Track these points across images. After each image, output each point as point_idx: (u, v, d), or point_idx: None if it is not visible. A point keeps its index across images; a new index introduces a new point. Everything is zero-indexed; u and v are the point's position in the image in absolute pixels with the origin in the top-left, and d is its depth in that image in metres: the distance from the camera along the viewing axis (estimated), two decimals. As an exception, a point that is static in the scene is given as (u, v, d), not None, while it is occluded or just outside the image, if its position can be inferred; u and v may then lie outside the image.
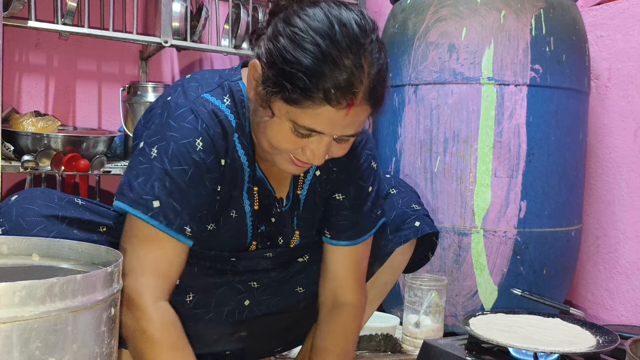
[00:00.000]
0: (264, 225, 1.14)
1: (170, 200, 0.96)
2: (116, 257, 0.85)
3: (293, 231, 1.17)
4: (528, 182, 1.74)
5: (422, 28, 1.82)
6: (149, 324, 0.94)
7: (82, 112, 1.96)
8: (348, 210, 1.15)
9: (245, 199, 1.09)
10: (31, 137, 1.67)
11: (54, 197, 1.07)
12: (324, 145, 0.95)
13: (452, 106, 1.76)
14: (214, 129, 1.00)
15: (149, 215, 0.95)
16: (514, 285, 1.73)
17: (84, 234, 1.05)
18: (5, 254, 0.93)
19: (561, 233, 1.80)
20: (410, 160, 1.84)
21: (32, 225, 1.01)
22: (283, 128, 0.94)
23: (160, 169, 0.96)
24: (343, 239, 1.15)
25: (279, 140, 0.95)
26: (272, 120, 0.95)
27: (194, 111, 0.99)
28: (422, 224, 1.24)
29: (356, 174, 1.14)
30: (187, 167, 0.97)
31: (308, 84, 0.88)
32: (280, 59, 0.90)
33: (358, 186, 1.14)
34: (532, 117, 1.73)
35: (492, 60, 1.73)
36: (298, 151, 0.97)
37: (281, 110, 0.93)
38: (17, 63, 1.87)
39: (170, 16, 1.90)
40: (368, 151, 1.16)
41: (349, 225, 1.15)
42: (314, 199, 1.16)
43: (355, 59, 0.89)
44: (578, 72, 1.81)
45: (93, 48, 1.94)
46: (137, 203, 0.96)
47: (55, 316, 0.67)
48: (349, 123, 0.92)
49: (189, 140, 0.98)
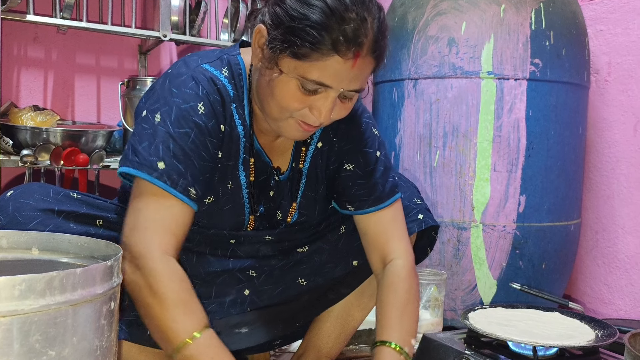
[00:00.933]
0: (263, 201, 1.15)
1: (174, 162, 0.98)
2: (115, 251, 0.85)
3: (290, 202, 1.17)
4: (527, 176, 1.74)
5: (421, 22, 1.81)
6: (156, 279, 0.93)
7: (81, 106, 1.96)
8: (362, 178, 1.16)
9: (240, 170, 1.11)
10: (30, 132, 1.67)
11: (49, 192, 1.07)
12: (330, 101, 0.97)
13: (451, 100, 1.76)
14: (213, 95, 1.03)
15: (153, 176, 0.97)
16: (513, 279, 1.73)
17: (80, 227, 1.05)
18: (4, 248, 0.93)
19: (560, 227, 1.80)
20: (410, 155, 1.84)
21: (28, 220, 1.02)
22: (291, 86, 0.97)
23: (164, 132, 0.99)
24: (367, 207, 1.16)
25: (287, 99, 0.98)
26: (279, 78, 0.97)
27: (194, 78, 1.03)
28: (425, 217, 1.24)
29: (360, 141, 1.16)
30: (189, 130, 1.00)
31: (317, 37, 0.92)
32: (287, 18, 0.94)
33: (365, 153, 1.16)
34: (531, 111, 1.73)
35: (492, 54, 1.73)
36: (305, 111, 0.99)
37: (289, 67, 0.95)
38: (15, 57, 1.87)
39: (169, 10, 1.89)
40: (367, 119, 1.18)
41: (368, 193, 1.15)
42: (316, 172, 1.17)
43: (360, 13, 0.93)
44: (578, 66, 1.81)
45: (92, 42, 1.93)
46: (142, 165, 0.98)
47: (55, 309, 0.67)
48: (355, 76, 0.96)
49: (191, 105, 1.01)
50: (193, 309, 0.94)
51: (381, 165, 1.17)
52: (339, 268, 1.26)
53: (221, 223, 1.14)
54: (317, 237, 1.24)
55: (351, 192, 1.16)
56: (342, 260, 1.26)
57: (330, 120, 1.01)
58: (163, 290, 0.93)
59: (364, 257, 1.20)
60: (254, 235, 1.18)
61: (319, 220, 1.24)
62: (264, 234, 1.19)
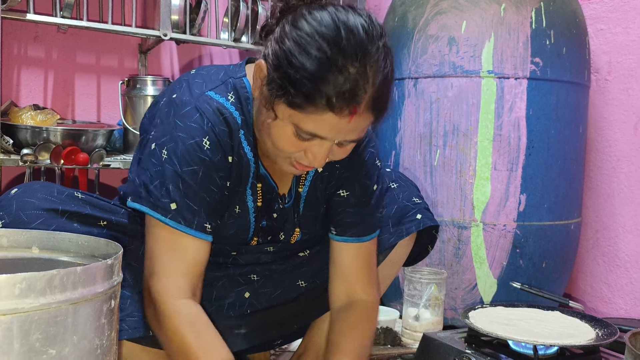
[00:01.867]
0: (266, 220, 1.15)
1: (186, 201, 0.99)
2: (116, 249, 0.85)
3: (294, 227, 1.17)
4: (528, 175, 1.74)
5: (421, 21, 1.81)
6: (173, 324, 0.96)
7: (81, 105, 1.96)
8: (353, 207, 1.15)
9: (248, 194, 1.10)
10: (30, 131, 1.67)
11: (53, 191, 1.07)
12: (325, 149, 0.95)
13: (452, 99, 1.76)
14: (219, 127, 1.01)
15: (168, 217, 0.98)
16: (514, 278, 1.73)
17: (84, 228, 1.05)
18: (5, 247, 0.93)
19: (561, 226, 1.80)
20: (410, 154, 1.84)
21: (32, 219, 1.02)
22: (286, 131, 0.94)
23: (172, 171, 0.99)
24: (349, 236, 1.15)
25: (281, 142, 0.96)
26: (275, 122, 0.95)
27: (199, 109, 1.00)
28: (423, 217, 1.24)
29: (360, 171, 1.14)
30: (196, 167, 0.99)
31: (311, 90, 0.87)
32: (285, 62, 0.90)
33: (362, 184, 1.14)
34: (532, 110, 1.73)
35: (492, 53, 1.72)
36: (300, 154, 0.97)
37: (284, 113, 0.92)
38: (15, 56, 1.87)
39: (169, 9, 1.89)
40: (371, 149, 1.16)
41: (354, 222, 1.15)
42: (316, 195, 1.16)
43: (360, 67, 0.88)
44: (578, 65, 1.81)
45: (92, 41, 1.93)
46: (156, 206, 0.99)
47: (55, 308, 0.67)
48: (351, 129, 0.93)
49: (196, 140, 0.99)
50: (212, 349, 0.96)
51: (374, 199, 1.16)
52: None
53: (224, 242, 1.14)
54: (318, 242, 1.24)
55: (339, 217, 1.15)
56: None
57: (328, 160, 1.00)
58: (178, 336, 0.96)
59: None
60: (256, 247, 1.18)
61: (321, 233, 1.23)
62: (265, 246, 1.19)
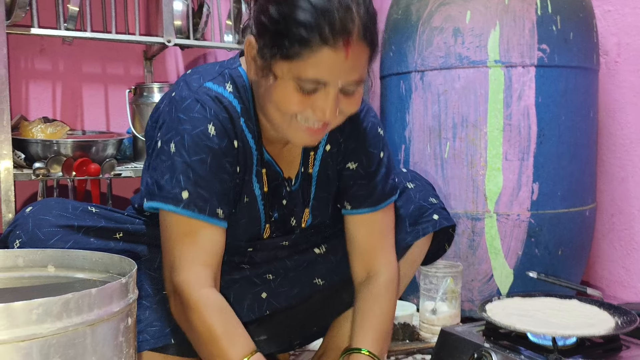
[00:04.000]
0: (276, 209, 1.16)
1: (198, 189, 1.00)
2: (130, 266, 0.86)
3: (303, 209, 1.18)
4: (539, 163, 1.72)
5: (425, 13, 1.80)
6: (199, 314, 0.96)
7: (90, 115, 1.97)
8: (363, 178, 1.16)
9: (254, 182, 1.11)
10: (41, 144, 1.68)
11: (68, 207, 1.08)
12: (331, 98, 0.95)
13: (459, 91, 1.75)
14: (221, 114, 1.03)
15: (180, 207, 0.99)
16: (530, 267, 1.72)
17: (100, 242, 1.07)
18: (21, 267, 0.94)
19: (575, 213, 1.78)
20: (420, 147, 1.83)
21: (48, 236, 1.03)
22: (288, 89, 0.95)
23: (181, 163, 1.00)
24: (364, 207, 1.16)
25: (286, 102, 0.96)
26: (276, 84, 0.96)
27: (199, 100, 1.02)
28: (440, 218, 1.24)
29: (365, 141, 1.15)
30: (204, 155, 1.00)
31: (304, 34, 0.91)
32: (273, 23, 0.93)
33: (369, 153, 1.16)
34: (541, 97, 1.72)
35: (499, 42, 1.71)
36: (307, 113, 0.97)
37: (283, 70, 0.94)
38: (23, 70, 1.88)
39: (171, 15, 1.89)
40: (372, 119, 1.17)
41: (367, 194, 1.16)
42: (327, 174, 1.17)
43: (343, 2, 0.92)
44: (586, 49, 1.78)
45: (97, 51, 1.94)
46: (168, 198, 0.99)
47: (72, 331, 0.68)
48: (351, 67, 0.94)
49: (201, 129, 1.01)
50: (237, 337, 0.97)
51: (383, 167, 1.17)
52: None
53: (238, 235, 1.14)
54: (333, 236, 1.24)
55: (351, 190, 1.16)
56: None
57: (338, 117, 1.00)
58: (206, 326, 0.96)
59: None
60: (271, 242, 1.19)
61: (334, 221, 1.24)
62: (280, 240, 1.20)
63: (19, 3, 1.56)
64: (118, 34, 1.76)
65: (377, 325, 1.11)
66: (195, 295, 0.97)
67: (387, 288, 1.15)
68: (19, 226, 1.05)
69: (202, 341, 0.97)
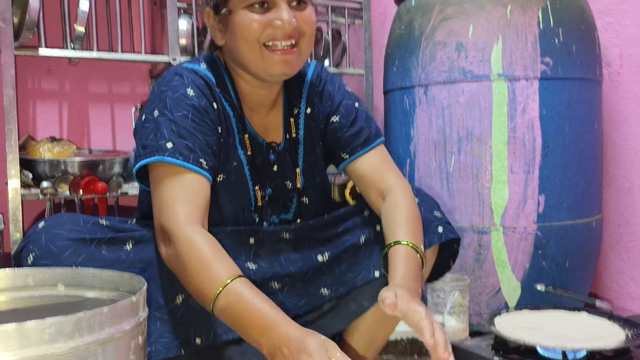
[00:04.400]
0: (269, 181, 1.23)
1: (181, 140, 1.06)
2: (140, 283, 0.86)
3: (294, 170, 1.26)
4: (545, 176, 1.72)
5: (428, 28, 1.81)
6: (187, 243, 0.99)
7: (96, 134, 1.98)
8: (348, 126, 1.28)
9: (239, 148, 1.19)
10: (48, 164, 1.69)
11: (79, 221, 1.11)
12: (282, 9, 1.09)
13: (463, 105, 1.76)
14: (197, 81, 1.14)
15: (165, 155, 1.05)
16: (537, 280, 1.72)
17: (112, 254, 1.08)
18: (31, 286, 0.94)
19: (582, 225, 1.78)
20: (425, 161, 1.84)
21: (62, 250, 1.04)
22: (245, 16, 1.09)
23: (164, 120, 1.08)
24: (359, 149, 1.27)
25: (247, 27, 1.09)
26: (233, 19, 1.10)
27: (177, 73, 1.14)
28: (445, 230, 1.25)
29: (338, 96, 1.29)
30: (186, 112, 1.09)
31: None
32: None
33: (345, 105, 1.29)
34: (545, 110, 1.72)
35: (502, 56, 1.72)
36: (269, 31, 1.09)
37: (235, 3, 1.10)
38: (30, 90, 1.90)
39: (177, 34, 1.91)
40: (339, 81, 1.33)
41: (357, 136, 1.28)
42: (312, 136, 1.28)
43: None
44: (589, 61, 1.79)
45: (103, 70, 1.96)
46: (153, 151, 1.06)
47: (84, 350, 0.68)
48: None
49: (182, 92, 1.11)
50: (226, 261, 0.98)
51: (362, 113, 1.31)
52: (360, 277, 1.26)
53: (232, 205, 1.20)
54: (337, 245, 1.25)
55: (342, 139, 1.28)
56: (363, 270, 1.26)
57: (303, 41, 1.13)
58: (195, 251, 0.97)
59: (386, 269, 1.21)
60: (273, 232, 1.22)
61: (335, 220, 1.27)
62: (281, 230, 1.22)
63: (27, 25, 1.58)
64: (124, 53, 1.77)
65: (406, 223, 1.16)
66: (183, 230, 0.99)
67: (404, 194, 1.22)
68: (32, 241, 1.06)
69: (191, 270, 0.97)
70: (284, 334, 0.87)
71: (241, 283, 0.94)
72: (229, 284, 0.93)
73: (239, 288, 0.93)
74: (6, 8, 1.56)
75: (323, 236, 1.26)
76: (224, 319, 0.94)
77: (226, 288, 0.93)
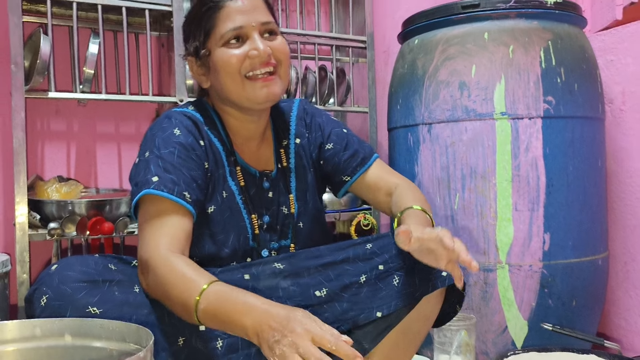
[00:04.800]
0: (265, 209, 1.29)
1: (166, 174, 1.13)
2: (147, 336, 0.87)
3: (287, 196, 1.33)
4: (550, 214, 1.73)
5: (431, 67, 1.84)
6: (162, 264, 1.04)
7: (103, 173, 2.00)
8: (343, 150, 1.38)
9: (229, 180, 1.26)
10: (56, 205, 1.71)
11: (90, 263, 1.13)
12: (256, 40, 1.19)
13: (467, 143, 1.77)
14: (186, 122, 1.22)
15: (151, 187, 1.11)
16: (544, 319, 1.71)
17: (123, 295, 1.09)
18: (38, 337, 0.95)
19: (588, 263, 1.78)
20: (429, 198, 1.84)
21: (76, 291, 1.06)
22: (223, 53, 1.20)
23: (153, 157, 1.16)
24: (359, 169, 1.39)
25: (227, 62, 1.19)
26: (214, 58, 1.21)
27: (166, 116, 1.23)
28: (449, 274, 1.24)
29: (327, 126, 1.39)
30: (173, 149, 1.17)
31: (209, 9, 1.20)
32: (189, 33, 1.26)
33: (336, 132, 1.39)
34: (548, 148, 1.73)
35: (504, 95, 1.74)
36: (249, 62, 1.19)
37: (212, 42, 1.21)
38: (39, 131, 1.93)
39: (184, 75, 1.94)
40: (324, 112, 1.43)
41: (353, 157, 1.39)
42: (302, 164, 1.36)
43: None
44: (591, 99, 1.81)
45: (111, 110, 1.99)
46: (141, 186, 1.13)
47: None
48: (252, 8, 1.21)
49: (169, 131, 1.19)
50: (202, 273, 1.03)
51: (353, 137, 1.41)
52: (363, 316, 1.25)
53: (226, 234, 1.24)
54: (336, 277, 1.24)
55: (340, 163, 1.38)
56: (366, 309, 1.24)
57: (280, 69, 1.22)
58: (173, 270, 1.02)
59: (388, 308, 1.21)
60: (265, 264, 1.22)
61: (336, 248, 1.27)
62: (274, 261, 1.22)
63: (38, 69, 1.61)
64: (132, 94, 1.80)
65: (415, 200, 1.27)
66: (162, 255, 1.05)
67: (410, 187, 1.35)
68: (44, 283, 1.08)
69: (170, 287, 1.01)
70: (268, 310, 0.91)
71: (219, 284, 1.00)
72: (206, 289, 0.98)
73: (217, 288, 0.98)
74: (18, 52, 1.59)
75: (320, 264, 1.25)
76: (209, 322, 0.98)
77: (204, 292, 0.98)
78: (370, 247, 1.28)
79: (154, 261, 1.05)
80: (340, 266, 1.25)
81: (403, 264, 1.25)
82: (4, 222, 1.89)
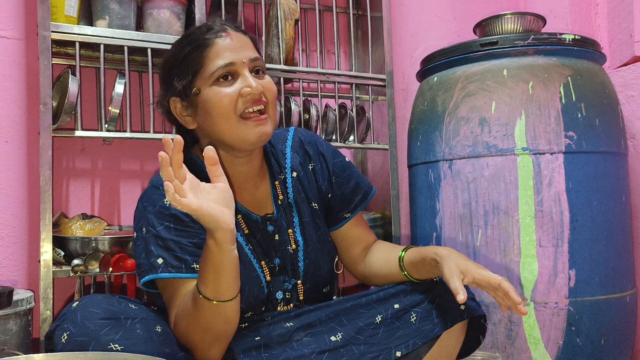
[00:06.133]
0: (276, 254, 1.26)
1: (169, 253, 1.13)
2: (170, 370, 0.86)
3: (287, 231, 1.29)
4: (575, 249, 1.70)
5: (451, 104, 1.85)
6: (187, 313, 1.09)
7: (127, 210, 2.02)
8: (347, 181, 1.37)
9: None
10: (80, 242, 1.72)
11: (113, 301, 1.14)
12: (247, 77, 1.17)
13: (488, 178, 1.77)
14: None
15: (159, 272, 1.12)
16: (572, 357, 1.67)
17: (145, 333, 1.09)
18: (63, 370, 0.95)
19: (615, 300, 1.74)
20: (451, 235, 1.83)
21: (99, 327, 1.06)
22: (213, 92, 1.17)
23: (150, 236, 1.14)
24: (359, 205, 1.38)
25: (218, 102, 1.16)
26: (203, 98, 1.17)
27: (153, 185, 1.20)
28: (467, 307, 1.22)
29: (329, 156, 1.36)
30: (167, 222, 1.15)
31: (197, 48, 1.18)
32: (173, 74, 1.21)
33: (338, 162, 1.37)
34: (571, 183, 1.72)
35: (525, 130, 1.74)
36: (241, 101, 1.16)
37: (201, 83, 1.17)
38: (64, 169, 1.96)
39: (206, 113, 1.97)
40: (322, 140, 1.40)
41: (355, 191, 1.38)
42: (301, 197, 1.32)
43: (206, 24, 1.23)
44: (613, 134, 1.80)
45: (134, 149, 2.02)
46: (147, 270, 1.14)
47: None
48: (240, 45, 1.19)
49: (160, 204, 1.16)
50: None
51: (353, 167, 1.40)
52: (382, 357, 1.23)
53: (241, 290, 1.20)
54: (350, 321, 1.23)
55: (344, 196, 1.37)
56: (384, 350, 1.22)
57: (271, 108, 1.20)
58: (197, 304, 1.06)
59: (407, 347, 1.19)
60: (277, 323, 1.22)
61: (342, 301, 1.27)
62: (285, 319, 1.23)
63: (66, 109, 1.65)
64: (156, 133, 1.83)
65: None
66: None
67: (385, 243, 1.41)
68: (66, 320, 1.08)
69: (199, 316, 1.05)
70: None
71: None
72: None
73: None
74: (47, 94, 1.64)
75: (332, 312, 1.25)
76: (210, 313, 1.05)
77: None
78: (383, 293, 1.27)
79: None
80: (354, 310, 1.25)
81: (419, 301, 1.24)
82: (28, 259, 1.91)
